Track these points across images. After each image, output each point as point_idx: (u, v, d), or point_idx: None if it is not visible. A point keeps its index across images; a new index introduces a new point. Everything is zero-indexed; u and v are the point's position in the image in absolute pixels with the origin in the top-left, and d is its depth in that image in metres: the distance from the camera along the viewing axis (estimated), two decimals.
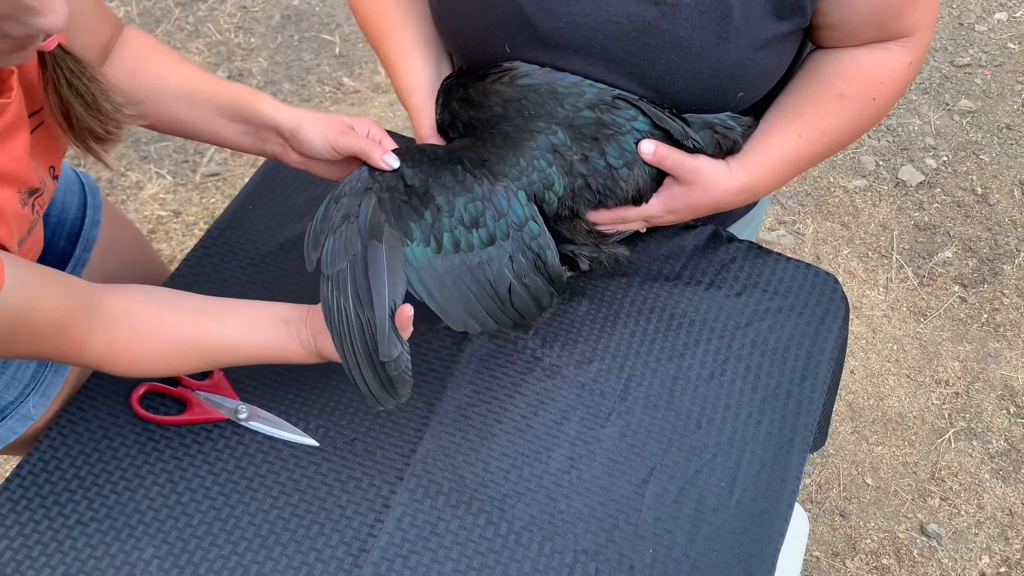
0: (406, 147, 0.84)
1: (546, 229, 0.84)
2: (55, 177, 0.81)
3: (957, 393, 1.81)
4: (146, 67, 0.88)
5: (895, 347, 1.87)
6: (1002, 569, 1.60)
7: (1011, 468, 1.71)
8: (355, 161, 0.86)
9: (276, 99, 0.88)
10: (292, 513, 0.87)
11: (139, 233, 1.24)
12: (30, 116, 0.74)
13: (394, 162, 0.81)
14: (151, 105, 0.88)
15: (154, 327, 0.80)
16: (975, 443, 1.74)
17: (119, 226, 1.15)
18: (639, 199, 0.87)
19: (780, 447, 0.91)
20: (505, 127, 0.85)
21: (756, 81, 0.84)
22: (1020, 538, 1.63)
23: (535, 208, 0.83)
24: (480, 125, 0.86)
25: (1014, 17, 2.46)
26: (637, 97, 0.83)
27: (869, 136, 2.21)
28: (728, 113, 0.86)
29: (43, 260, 1.02)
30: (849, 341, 1.81)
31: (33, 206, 0.75)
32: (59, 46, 0.70)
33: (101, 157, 0.77)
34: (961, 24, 2.44)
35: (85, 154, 0.78)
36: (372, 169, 0.82)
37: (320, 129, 0.85)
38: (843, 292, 1.02)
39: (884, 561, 1.61)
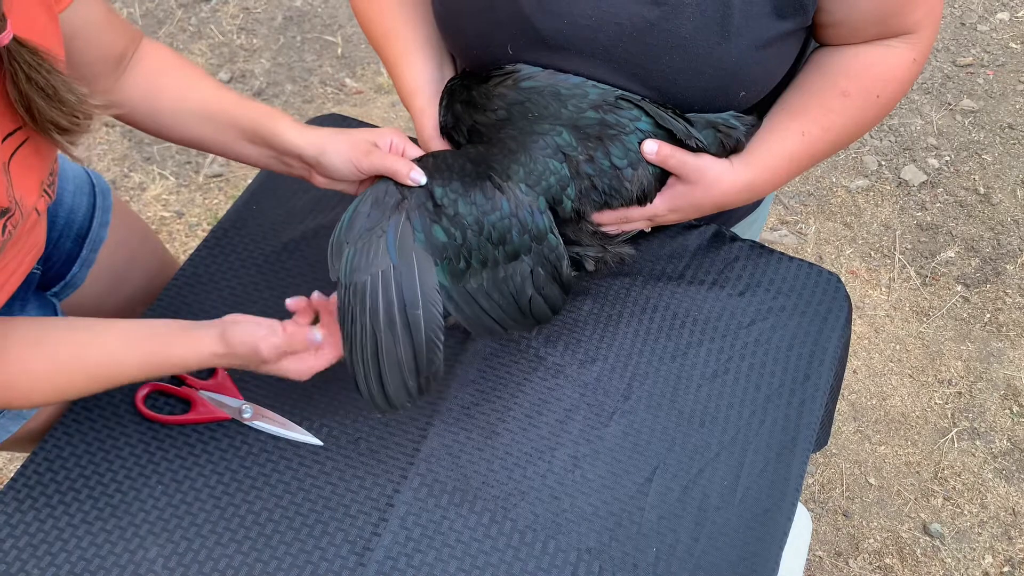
0: (432, 159, 0.84)
1: (560, 239, 0.86)
2: (46, 192, 0.79)
3: (960, 393, 1.80)
4: (163, 85, 0.87)
5: (898, 347, 1.87)
6: (1005, 569, 1.60)
7: (1014, 468, 1.71)
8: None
9: (297, 121, 0.87)
10: (296, 512, 0.87)
11: (150, 232, 1.22)
12: (10, 134, 0.71)
13: (421, 178, 0.81)
14: (170, 124, 0.87)
15: (37, 348, 0.77)
16: (978, 443, 1.74)
17: (129, 225, 1.14)
18: (643, 199, 0.87)
19: (783, 446, 0.91)
20: (511, 130, 0.85)
21: (758, 80, 0.84)
22: (1023, 538, 1.63)
23: (551, 216, 0.85)
24: (484, 128, 0.86)
25: (1016, 17, 2.46)
26: (640, 97, 0.84)
27: (871, 136, 2.21)
28: (731, 112, 0.86)
29: (49, 260, 1.02)
30: (852, 341, 1.80)
31: (4, 227, 0.71)
32: (14, 39, 0.66)
33: (67, 149, 0.74)
34: (963, 24, 2.44)
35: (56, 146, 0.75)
36: (399, 183, 0.82)
37: (343, 153, 0.84)
38: (846, 292, 1.02)
39: (887, 561, 1.61)
